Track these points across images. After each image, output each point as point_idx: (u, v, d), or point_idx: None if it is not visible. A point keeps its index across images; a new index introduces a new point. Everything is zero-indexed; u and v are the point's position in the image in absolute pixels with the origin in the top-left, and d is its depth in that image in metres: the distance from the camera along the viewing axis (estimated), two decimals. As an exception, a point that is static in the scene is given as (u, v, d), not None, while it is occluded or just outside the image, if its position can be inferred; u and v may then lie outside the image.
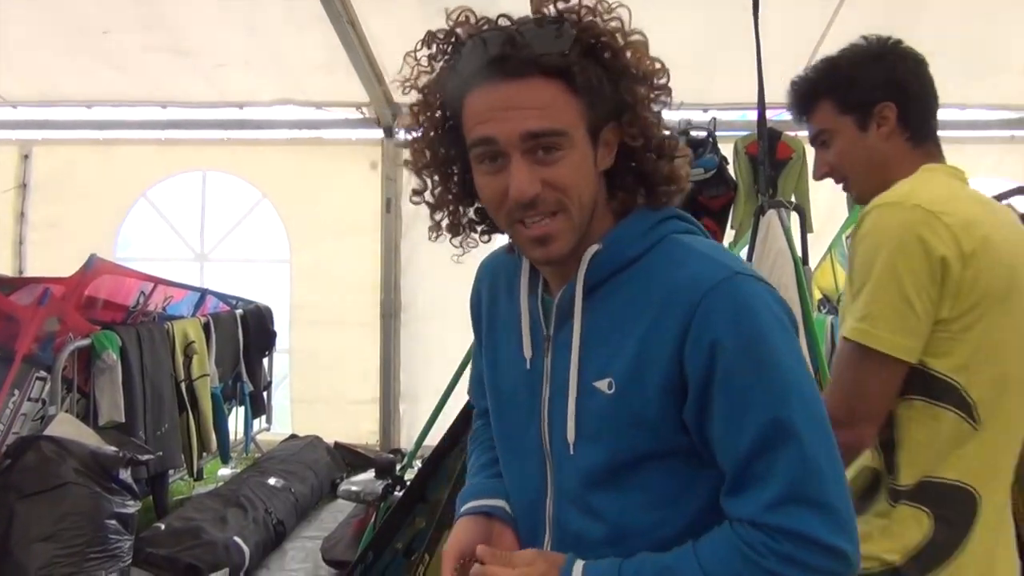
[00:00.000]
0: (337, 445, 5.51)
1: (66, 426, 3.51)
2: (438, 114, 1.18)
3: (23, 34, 5.29)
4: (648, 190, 1.18)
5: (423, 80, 1.18)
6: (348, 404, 5.94)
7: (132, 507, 3.43)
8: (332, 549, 4.00)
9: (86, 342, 3.88)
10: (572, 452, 1.17)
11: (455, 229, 1.26)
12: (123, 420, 3.92)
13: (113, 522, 3.30)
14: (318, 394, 5.96)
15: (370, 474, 3.97)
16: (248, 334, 5.45)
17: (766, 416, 1.06)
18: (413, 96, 1.18)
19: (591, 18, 1.12)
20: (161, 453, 4.06)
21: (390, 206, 5.88)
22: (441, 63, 1.17)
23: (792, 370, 1.09)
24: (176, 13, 5.12)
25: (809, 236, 2.91)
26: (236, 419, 5.50)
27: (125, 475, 3.43)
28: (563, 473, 1.20)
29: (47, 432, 3.42)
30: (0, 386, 3.58)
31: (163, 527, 3.79)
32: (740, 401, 1.07)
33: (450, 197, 1.24)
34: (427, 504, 2.83)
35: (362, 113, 5.86)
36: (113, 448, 3.47)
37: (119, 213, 6.27)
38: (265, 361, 5.84)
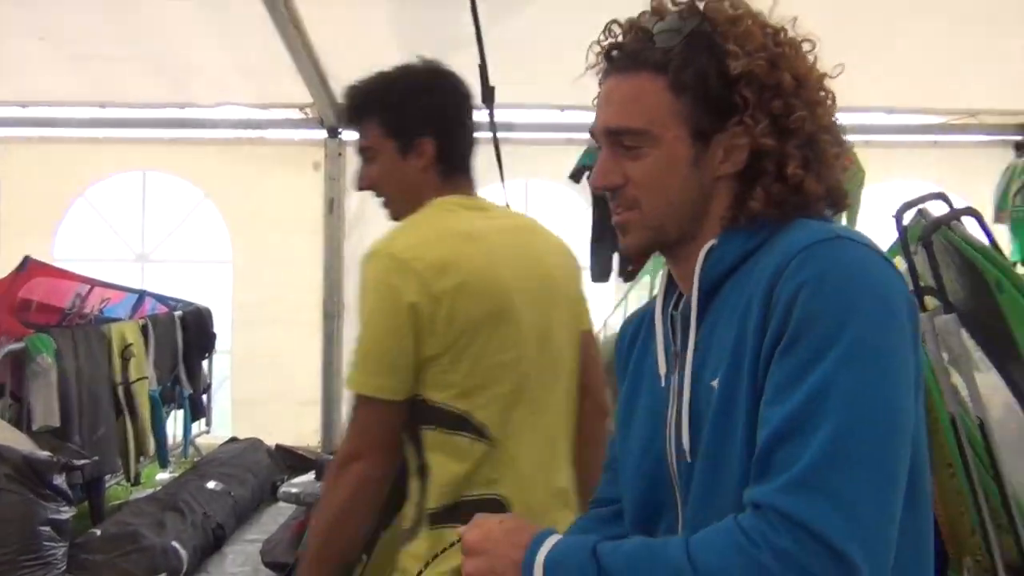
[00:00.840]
0: (278, 447, 5.48)
1: (-2, 431, 3.46)
2: None
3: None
4: (765, 193, 1.07)
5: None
6: (290, 405, 5.92)
7: (67, 513, 3.39)
8: (272, 551, 3.99)
9: (19, 345, 3.81)
10: (690, 459, 1.06)
11: None
12: (58, 425, 3.86)
13: (47, 528, 3.25)
14: (260, 396, 5.93)
15: (310, 475, 3.96)
16: (187, 336, 5.39)
17: (812, 388, 0.91)
18: None
19: (721, 16, 1.07)
20: (97, 458, 4.01)
21: (333, 207, 5.86)
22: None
23: (871, 350, 0.93)
24: (117, 15, 5.05)
25: None
26: (175, 422, 5.44)
27: (60, 481, 3.39)
28: (689, 494, 1.08)
29: (-22, 438, 3.36)
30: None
31: (99, 533, 3.74)
32: (795, 371, 0.93)
33: None
34: (364, 505, 2.84)
35: (305, 114, 5.84)
36: (47, 453, 3.43)
37: (57, 213, 6.15)
38: (205, 363, 5.78)
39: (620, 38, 1.12)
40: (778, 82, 1.06)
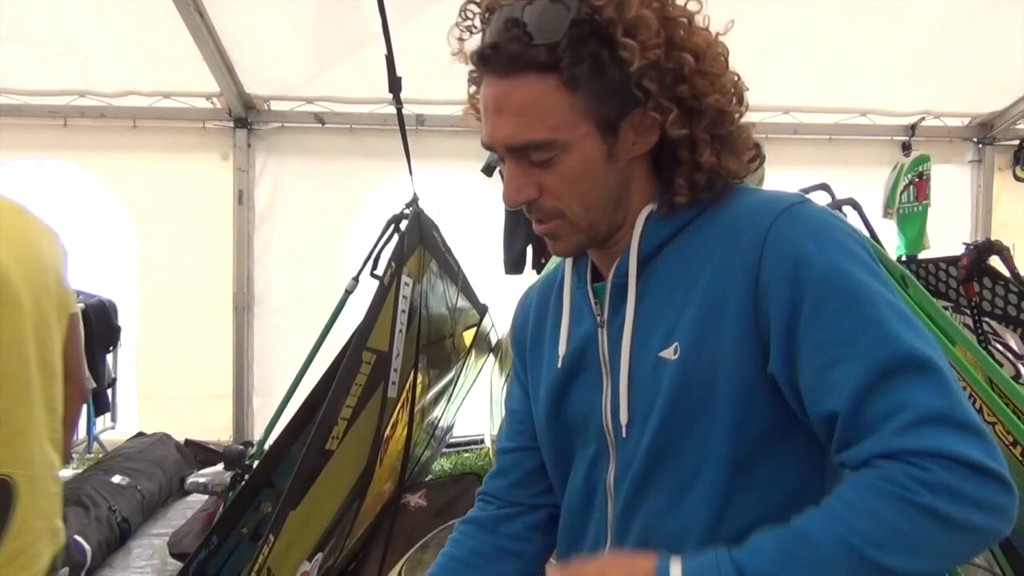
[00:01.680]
0: (187, 442, 5.39)
1: None
2: None
3: None
4: (688, 183, 1.03)
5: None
6: (200, 399, 5.82)
7: (-39, 508, 3.28)
8: (179, 543, 3.94)
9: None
10: (625, 435, 1.04)
11: None
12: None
13: (-60, 524, 3.15)
14: (168, 390, 5.81)
15: (219, 466, 3.93)
16: (90, 329, 5.25)
17: (882, 349, 0.86)
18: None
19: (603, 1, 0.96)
20: (-6, 452, 3.88)
21: (242, 198, 5.79)
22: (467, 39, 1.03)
23: (883, 287, 0.92)
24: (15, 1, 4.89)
25: None
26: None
27: (-47, 475, 3.28)
28: (623, 458, 1.06)
29: None
30: None
31: (-3, 528, 3.63)
32: (839, 332, 0.89)
33: None
34: (273, 490, 2.85)
35: (212, 103, 5.74)
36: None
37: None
38: (109, 357, 5.64)
39: (476, 23, 1.01)
40: (679, 64, 0.98)
